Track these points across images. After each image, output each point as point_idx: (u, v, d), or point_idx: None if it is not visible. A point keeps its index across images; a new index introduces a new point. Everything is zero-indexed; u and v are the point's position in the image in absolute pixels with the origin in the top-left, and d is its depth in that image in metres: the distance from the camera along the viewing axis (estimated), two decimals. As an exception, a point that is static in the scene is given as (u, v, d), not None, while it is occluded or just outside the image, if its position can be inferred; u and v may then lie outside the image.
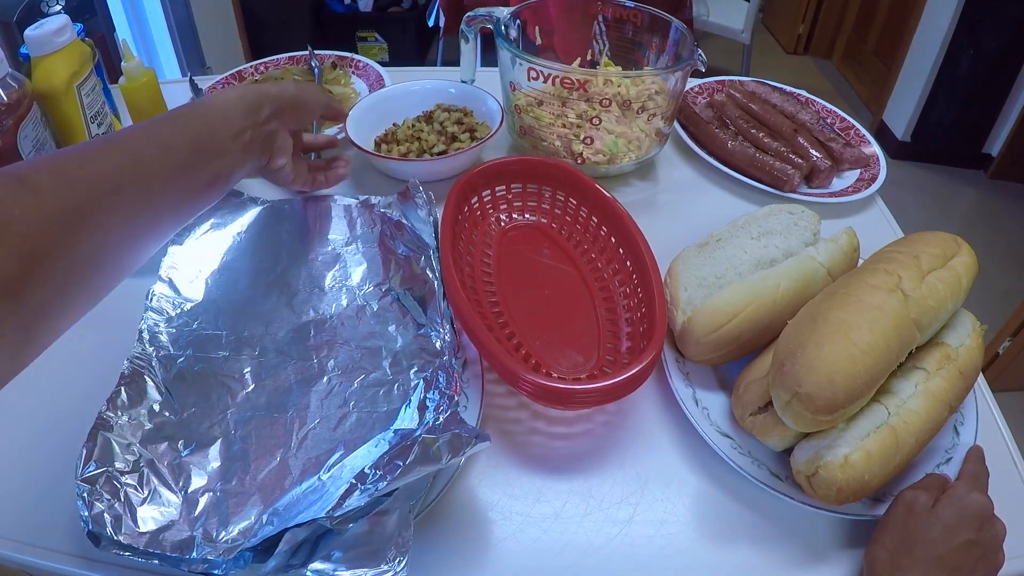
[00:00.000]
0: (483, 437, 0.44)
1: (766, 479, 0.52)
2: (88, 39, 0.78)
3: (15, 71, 0.67)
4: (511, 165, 0.72)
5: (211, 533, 0.46)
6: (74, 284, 0.41)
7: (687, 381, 0.59)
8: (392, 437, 0.49)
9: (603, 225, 0.69)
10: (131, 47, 0.83)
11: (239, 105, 0.55)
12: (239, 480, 0.49)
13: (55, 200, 0.39)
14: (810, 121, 0.89)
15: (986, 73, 2.43)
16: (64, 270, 0.40)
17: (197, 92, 0.91)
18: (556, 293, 0.66)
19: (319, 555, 0.43)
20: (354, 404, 0.54)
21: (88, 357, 0.61)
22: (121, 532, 0.44)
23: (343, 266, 0.65)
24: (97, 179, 0.42)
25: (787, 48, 3.52)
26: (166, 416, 0.52)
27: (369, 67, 0.99)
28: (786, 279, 0.58)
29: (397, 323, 0.60)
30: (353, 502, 0.42)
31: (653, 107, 0.77)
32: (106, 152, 0.44)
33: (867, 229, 0.71)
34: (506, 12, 0.80)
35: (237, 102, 0.55)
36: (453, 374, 0.53)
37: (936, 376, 0.52)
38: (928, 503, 0.47)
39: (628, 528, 0.51)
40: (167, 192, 0.48)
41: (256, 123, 0.57)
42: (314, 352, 0.58)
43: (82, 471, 0.46)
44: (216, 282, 0.62)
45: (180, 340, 0.57)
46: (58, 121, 0.74)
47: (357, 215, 0.69)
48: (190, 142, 0.50)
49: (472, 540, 0.50)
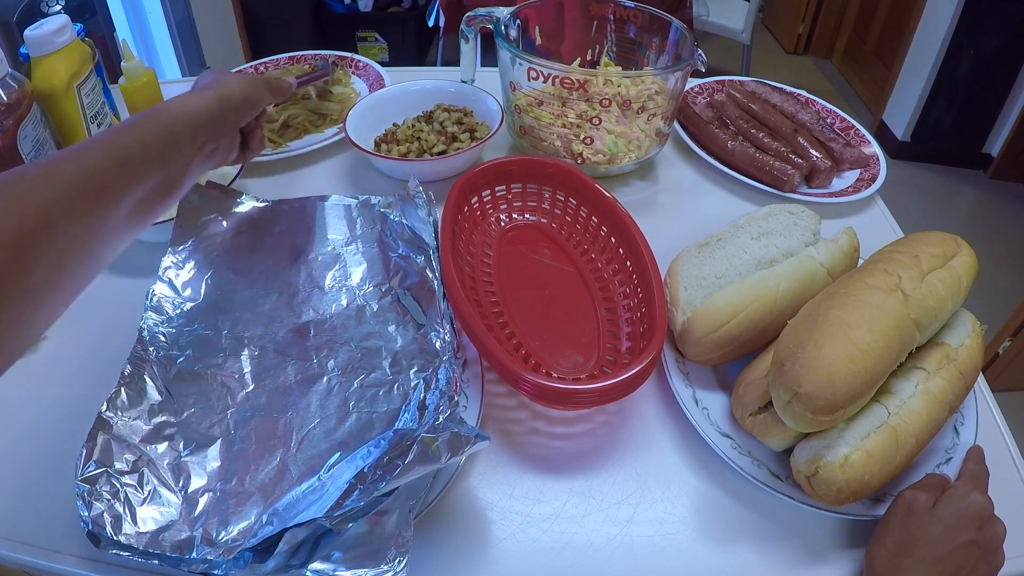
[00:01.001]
0: (483, 436, 0.44)
1: (766, 479, 0.52)
2: (88, 39, 0.78)
3: (15, 71, 0.67)
4: (511, 165, 0.72)
5: (211, 533, 0.46)
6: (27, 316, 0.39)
7: (687, 381, 0.59)
8: (392, 437, 0.49)
9: (603, 225, 0.69)
10: (131, 47, 0.83)
11: (205, 115, 0.54)
12: (239, 480, 0.49)
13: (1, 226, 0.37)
14: (810, 121, 0.89)
15: (986, 73, 2.43)
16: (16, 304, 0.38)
17: None
18: (556, 293, 0.66)
19: (319, 555, 0.43)
20: (354, 404, 0.54)
21: (88, 357, 0.61)
22: (121, 532, 0.44)
23: (343, 266, 0.65)
24: (47, 199, 0.40)
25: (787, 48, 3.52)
26: (166, 416, 0.52)
27: (369, 67, 0.99)
28: (786, 279, 0.58)
29: (397, 323, 0.60)
30: (352, 502, 0.42)
31: (653, 107, 0.77)
32: (55, 169, 0.42)
33: (867, 229, 0.71)
34: (506, 12, 0.80)
35: (203, 112, 0.54)
36: (453, 374, 0.53)
37: (936, 376, 0.52)
38: (928, 503, 0.47)
39: (628, 528, 0.51)
40: (120, 207, 0.45)
41: (220, 135, 0.56)
42: (314, 352, 0.58)
43: (82, 471, 0.46)
44: (216, 282, 0.62)
45: (180, 340, 0.57)
46: (58, 121, 0.74)
47: (357, 215, 0.69)
48: (148, 151, 0.48)
49: (472, 540, 0.50)
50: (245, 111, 0.60)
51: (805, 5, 3.35)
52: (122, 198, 0.45)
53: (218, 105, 0.56)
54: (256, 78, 0.63)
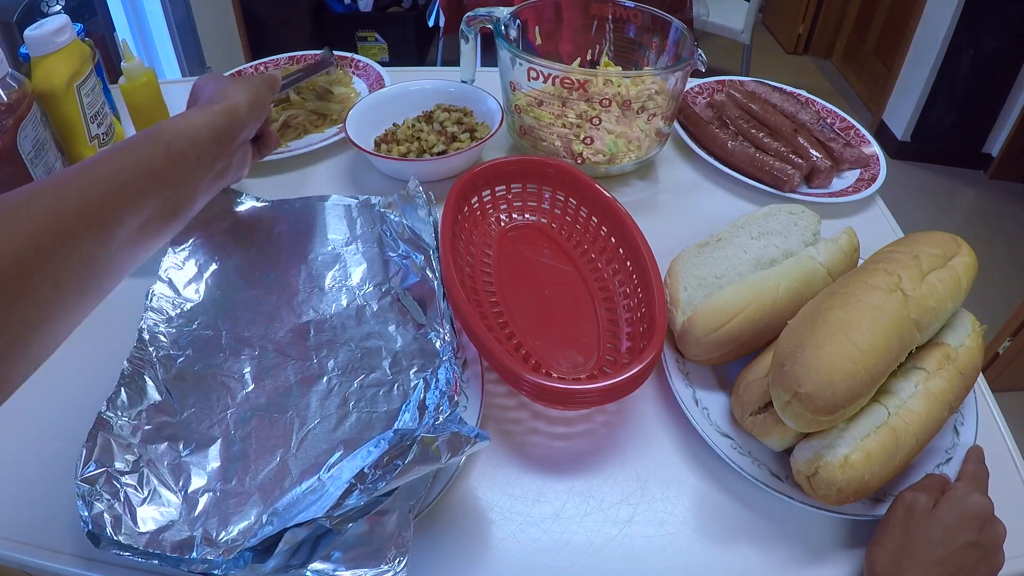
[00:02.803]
0: (483, 436, 0.44)
1: (766, 479, 0.52)
2: (88, 39, 0.78)
3: (15, 71, 0.67)
4: (511, 165, 0.72)
5: (211, 533, 0.46)
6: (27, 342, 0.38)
7: (687, 381, 0.59)
8: (392, 437, 0.49)
9: (603, 225, 0.69)
10: (131, 47, 0.83)
11: (209, 134, 0.51)
12: (239, 480, 0.49)
13: None
14: (810, 121, 0.89)
15: (986, 73, 2.43)
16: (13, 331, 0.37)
17: None
18: (556, 293, 0.66)
19: (319, 555, 0.43)
20: (354, 404, 0.54)
21: (88, 357, 0.61)
22: (121, 532, 0.44)
23: (343, 266, 0.65)
24: (42, 226, 0.38)
25: (787, 48, 3.52)
26: (166, 416, 0.52)
27: (369, 67, 0.99)
28: (786, 279, 0.58)
29: (397, 323, 0.60)
30: (352, 502, 0.42)
31: (653, 107, 0.77)
32: (54, 194, 0.40)
33: (867, 229, 0.71)
34: (506, 12, 0.80)
35: (207, 130, 0.51)
36: (453, 375, 0.53)
37: (936, 376, 0.52)
38: (929, 504, 0.47)
39: (628, 528, 0.51)
40: (121, 232, 0.44)
41: (229, 153, 0.54)
42: (314, 352, 0.58)
43: (82, 471, 0.46)
44: (216, 282, 0.62)
45: (180, 340, 0.57)
46: (58, 121, 0.74)
47: (357, 215, 0.69)
48: (150, 175, 0.46)
49: (472, 540, 0.50)
50: (253, 122, 0.57)
51: (805, 5, 3.35)
52: (122, 224, 0.44)
53: (224, 121, 0.53)
54: (255, 80, 0.60)
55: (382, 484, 0.42)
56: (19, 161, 0.66)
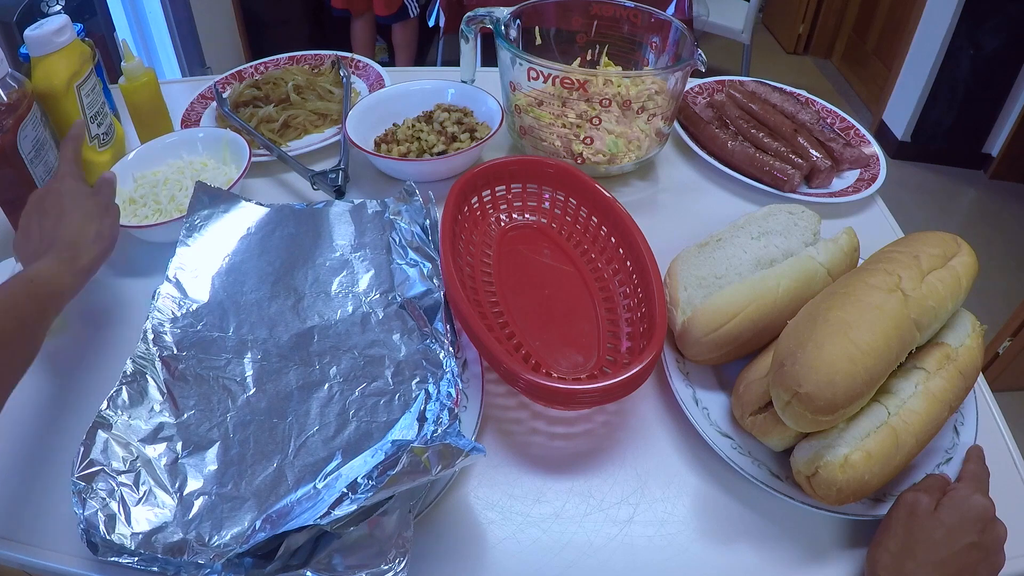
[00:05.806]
0: (478, 449, 0.44)
1: (766, 479, 0.52)
2: (88, 39, 0.78)
3: (15, 71, 0.67)
4: (511, 165, 0.72)
5: (204, 537, 0.46)
6: None
7: (687, 381, 0.59)
8: (389, 448, 0.49)
9: (603, 225, 0.69)
10: (131, 47, 0.83)
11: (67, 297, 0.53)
12: (235, 485, 0.49)
13: None
14: (810, 121, 0.89)
15: (986, 73, 2.43)
16: None
17: (222, 101, 0.90)
18: (556, 293, 0.66)
19: (319, 556, 0.43)
20: (354, 413, 0.54)
21: (91, 355, 0.61)
22: (114, 532, 0.44)
23: (351, 272, 0.64)
24: None
25: (787, 48, 3.51)
26: (166, 417, 0.52)
27: (369, 67, 0.99)
28: (786, 279, 0.58)
29: (402, 332, 0.59)
30: (342, 511, 0.42)
31: (653, 107, 0.77)
32: None
33: (867, 229, 0.71)
34: (506, 12, 0.80)
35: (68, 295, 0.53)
36: (455, 388, 0.53)
37: (936, 376, 0.52)
38: (930, 506, 0.47)
39: (628, 528, 0.51)
40: None
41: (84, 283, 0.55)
42: (317, 358, 0.57)
43: (79, 468, 0.46)
44: (222, 283, 0.62)
45: (184, 341, 0.57)
46: (58, 121, 0.74)
47: (366, 220, 0.68)
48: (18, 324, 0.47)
49: (472, 540, 0.50)
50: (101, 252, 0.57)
51: (805, 5, 3.35)
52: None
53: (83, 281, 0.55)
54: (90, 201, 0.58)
55: (372, 495, 0.42)
56: (19, 161, 0.66)
